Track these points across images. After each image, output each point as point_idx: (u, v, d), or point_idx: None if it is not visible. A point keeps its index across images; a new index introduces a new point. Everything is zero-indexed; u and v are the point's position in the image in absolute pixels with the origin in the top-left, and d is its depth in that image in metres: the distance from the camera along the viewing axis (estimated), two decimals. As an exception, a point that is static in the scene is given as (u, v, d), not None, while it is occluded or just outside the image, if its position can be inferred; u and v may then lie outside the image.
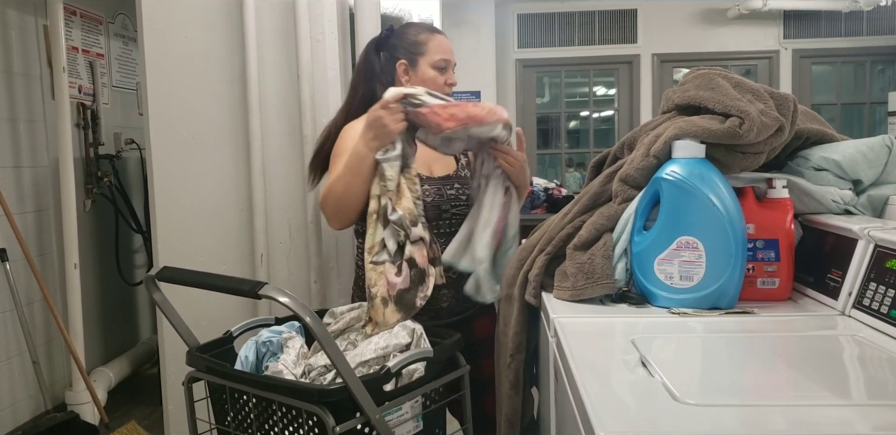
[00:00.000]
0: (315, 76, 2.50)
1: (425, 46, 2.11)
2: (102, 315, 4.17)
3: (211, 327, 1.79)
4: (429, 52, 2.11)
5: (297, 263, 2.58)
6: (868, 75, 6.48)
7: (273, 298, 1.27)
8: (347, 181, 1.89)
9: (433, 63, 2.11)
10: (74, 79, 3.91)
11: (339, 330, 1.71)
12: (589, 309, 1.64)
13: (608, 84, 7.02)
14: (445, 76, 2.13)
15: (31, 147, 3.59)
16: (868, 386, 1.16)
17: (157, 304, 1.55)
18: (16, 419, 3.45)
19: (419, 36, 2.13)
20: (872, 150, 1.83)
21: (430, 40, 2.12)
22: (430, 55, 2.11)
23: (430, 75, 2.11)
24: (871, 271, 1.44)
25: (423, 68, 2.11)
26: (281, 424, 1.42)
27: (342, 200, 1.92)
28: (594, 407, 1.02)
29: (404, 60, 2.12)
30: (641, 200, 1.71)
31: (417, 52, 2.11)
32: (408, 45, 2.12)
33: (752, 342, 1.38)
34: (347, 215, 1.98)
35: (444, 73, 2.13)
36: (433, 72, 2.11)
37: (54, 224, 3.68)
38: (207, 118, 2.56)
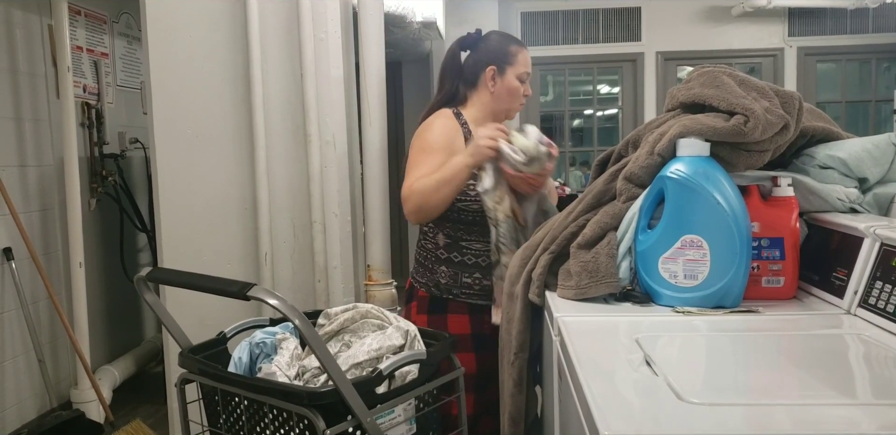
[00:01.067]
0: (318, 75, 2.50)
1: (515, 57, 2.24)
2: (107, 314, 4.18)
3: (216, 327, 1.78)
4: (517, 63, 2.24)
5: (301, 263, 2.58)
6: (873, 73, 6.46)
7: (262, 300, 1.27)
8: (438, 188, 2.03)
9: (519, 74, 2.24)
10: (79, 78, 3.91)
11: (334, 331, 1.70)
12: (593, 308, 1.64)
13: (612, 82, 7.00)
14: (524, 87, 2.26)
15: (35, 146, 3.60)
16: (874, 385, 1.15)
17: (149, 304, 1.54)
18: (21, 417, 3.46)
19: (510, 47, 2.25)
20: (878, 148, 1.82)
21: (519, 53, 2.25)
22: (517, 66, 2.24)
23: (515, 85, 2.23)
24: (877, 270, 1.44)
25: (509, 77, 2.23)
26: (272, 427, 1.42)
27: (428, 203, 2.06)
28: (598, 406, 1.01)
29: (494, 66, 2.23)
30: (646, 199, 1.71)
31: (507, 61, 2.23)
32: (500, 53, 2.24)
33: (757, 341, 1.38)
34: (428, 215, 2.12)
35: (524, 84, 2.25)
36: (517, 82, 2.23)
37: (59, 223, 3.68)
38: (211, 117, 2.56)
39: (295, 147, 2.55)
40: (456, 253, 2.21)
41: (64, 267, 3.69)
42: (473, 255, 2.20)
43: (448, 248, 2.22)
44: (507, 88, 2.23)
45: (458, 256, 2.21)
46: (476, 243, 2.19)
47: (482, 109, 2.26)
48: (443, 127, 2.17)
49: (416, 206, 2.07)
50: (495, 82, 2.23)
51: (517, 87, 2.24)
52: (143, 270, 1.50)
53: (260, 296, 1.27)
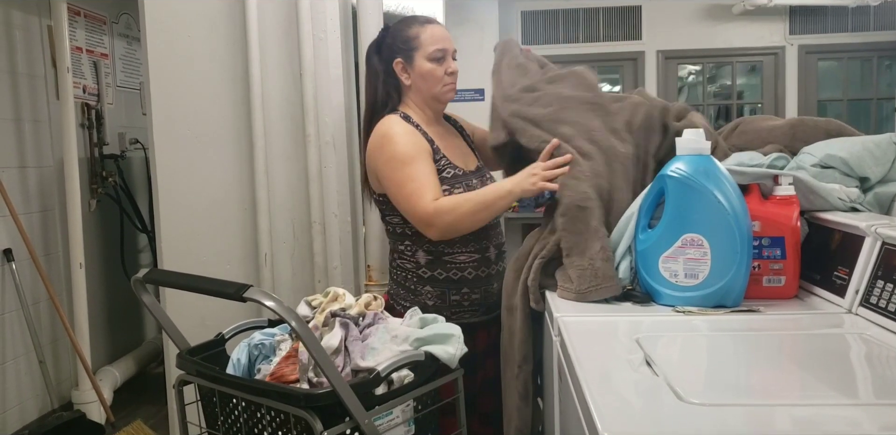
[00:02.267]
0: (318, 75, 2.50)
1: (417, 40, 2.04)
2: (108, 314, 4.17)
3: (216, 328, 1.78)
4: (422, 45, 2.04)
5: (300, 263, 2.58)
6: (875, 71, 6.45)
7: (258, 301, 1.26)
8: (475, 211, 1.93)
9: (428, 55, 2.04)
10: (78, 79, 3.91)
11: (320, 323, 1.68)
12: (593, 308, 1.64)
13: (613, 81, 7.00)
14: (445, 66, 2.06)
15: (35, 147, 3.59)
16: (875, 385, 1.15)
17: (147, 306, 1.54)
18: (23, 418, 3.46)
19: (410, 30, 2.06)
20: (879, 148, 1.81)
21: (421, 33, 2.05)
22: (424, 48, 2.04)
23: (427, 68, 2.04)
24: (879, 269, 1.43)
25: (419, 63, 2.05)
26: (270, 429, 1.41)
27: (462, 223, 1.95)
28: (598, 407, 1.01)
29: (400, 59, 2.07)
30: (646, 198, 1.70)
31: (411, 47, 2.05)
32: (401, 42, 2.06)
33: (758, 341, 1.38)
34: (457, 235, 2.00)
35: (443, 62, 2.05)
36: (430, 64, 2.04)
37: (59, 224, 3.68)
38: (210, 117, 2.55)
39: (294, 147, 2.54)
40: (440, 269, 2.06)
41: (64, 268, 3.68)
42: (458, 268, 2.06)
43: (430, 265, 2.07)
44: (420, 75, 2.05)
45: (442, 273, 2.06)
46: (460, 255, 2.06)
47: (417, 106, 2.11)
48: (404, 137, 2.00)
49: (447, 226, 1.94)
50: (408, 74, 2.07)
51: (430, 69, 2.04)
52: (140, 272, 1.49)
53: (256, 297, 1.26)
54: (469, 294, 2.08)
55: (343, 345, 1.54)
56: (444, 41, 2.06)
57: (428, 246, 2.05)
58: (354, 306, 1.64)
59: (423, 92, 2.08)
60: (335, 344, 1.52)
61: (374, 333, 1.58)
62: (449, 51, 2.06)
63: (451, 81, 2.08)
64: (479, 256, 2.08)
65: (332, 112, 2.50)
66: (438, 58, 2.04)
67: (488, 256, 2.10)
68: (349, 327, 1.57)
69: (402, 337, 1.56)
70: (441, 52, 2.04)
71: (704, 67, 6.68)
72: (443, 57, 2.05)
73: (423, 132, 2.05)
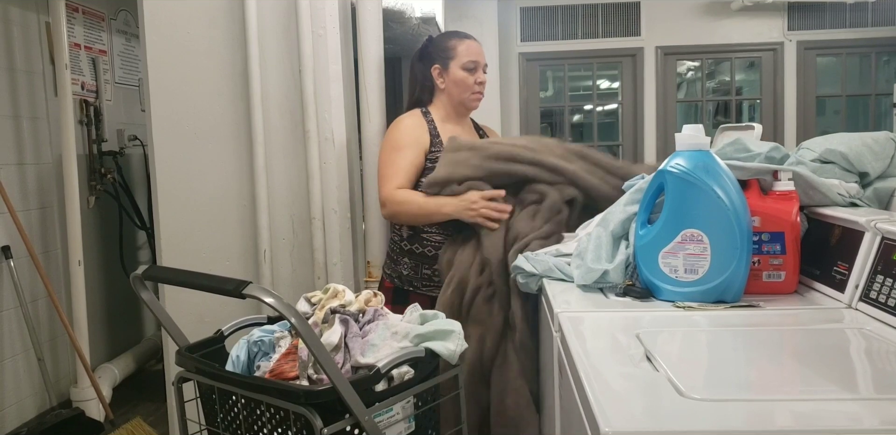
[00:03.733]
0: (317, 71, 2.49)
1: (455, 51, 2.37)
2: (107, 312, 4.17)
3: (215, 324, 1.77)
4: (458, 55, 2.37)
5: (300, 259, 2.57)
6: (873, 67, 6.44)
7: (257, 298, 1.26)
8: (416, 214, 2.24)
9: (462, 65, 2.36)
10: (77, 75, 3.90)
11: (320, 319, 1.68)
12: (593, 303, 1.64)
13: (612, 77, 6.99)
14: (475, 76, 2.37)
15: (34, 144, 3.59)
16: (875, 380, 1.15)
17: (146, 303, 1.53)
18: (21, 416, 3.45)
19: (450, 42, 2.39)
20: (878, 143, 1.82)
21: (459, 45, 2.38)
22: (459, 58, 2.36)
23: (461, 76, 2.36)
24: (878, 264, 1.43)
25: (453, 70, 2.37)
26: (270, 425, 1.41)
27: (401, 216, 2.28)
28: (599, 402, 1.01)
29: (438, 65, 2.40)
30: (646, 194, 1.70)
31: (448, 56, 2.37)
32: (440, 51, 2.39)
33: (758, 336, 1.37)
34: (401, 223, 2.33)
35: (474, 73, 2.37)
36: (463, 73, 2.36)
37: (58, 221, 3.68)
38: (209, 114, 2.55)
39: (294, 144, 2.54)
40: (417, 244, 2.32)
41: (63, 265, 3.68)
42: (433, 246, 2.30)
43: (410, 239, 2.33)
44: (453, 81, 2.37)
45: (419, 248, 2.31)
46: (436, 235, 2.30)
47: (443, 106, 2.42)
48: (409, 125, 2.34)
49: (392, 214, 2.28)
50: (444, 79, 2.39)
51: (463, 77, 2.36)
52: (139, 269, 1.48)
53: (255, 294, 1.26)
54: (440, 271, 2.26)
55: (343, 341, 1.54)
56: (477, 55, 2.39)
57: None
58: (354, 303, 1.64)
59: (454, 96, 2.40)
60: (335, 341, 1.51)
61: (374, 330, 1.57)
62: (480, 64, 2.40)
63: (479, 90, 2.41)
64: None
65: (331, 108, 2.50)
66: (471, 69, 2.37)
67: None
68: (349, 324, 1.56)
69: (402, 333, 1.56)
70: (474, 63, 2.38)
71: (703, 63, 6.68)
72: (475, 68, 2.38)
73: (434, 128, 2.36)
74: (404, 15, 3.10)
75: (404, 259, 2.35)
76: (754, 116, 6.72)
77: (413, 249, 2.33)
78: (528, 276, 1.95)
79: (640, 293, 1.65)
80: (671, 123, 6.49)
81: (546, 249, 2.06)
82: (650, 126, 6.53)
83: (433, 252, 2.30)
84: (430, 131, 2.35)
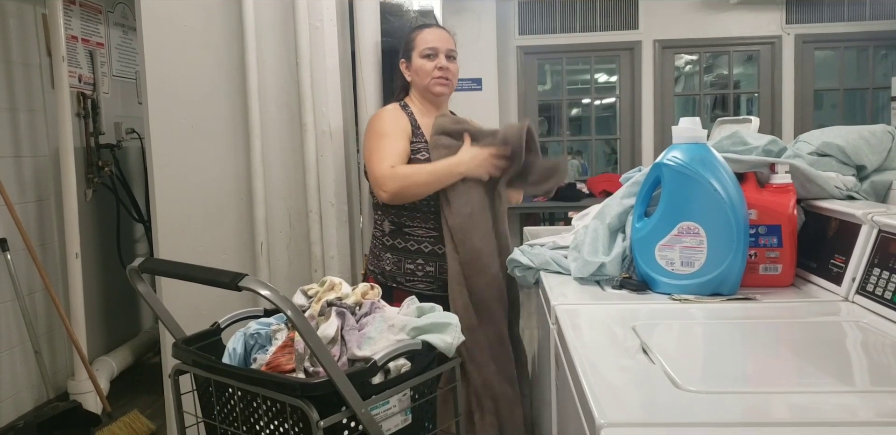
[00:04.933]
0: (314, 64, 2.49)
1: (414, 42, 2.37)
2: (104, 305, 4.17)
3: (212, 317, 1.77)
4: (417, 45, 2.36)
5: (297, 252, 2.57)
6: (871, 60, 6.43)
7: (253, 290, 1.25)
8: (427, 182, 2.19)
9: (421, 53, 2.34)
10: (74, 68, 3.89)
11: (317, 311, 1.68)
12: (590, 296, 1.64)
13: (610, 71, 6.98)
14: (434, 62, 2.33)
15: (31, 137, 3.58)
16: (872, 372, 1.15)
17: (142, 295, 1.53)
18: (18, 409, 3.46)
19: (411, 34, 2.40)
20: (875, 136, 1.82)
21: (418, 35, 2.37)
22: (418, 48, 2.35)
23: (419, 64, 2.34)
24: (875, 257, 1.44)
25: (415, 60, 2.36)
26: (266, 418, 1.40)
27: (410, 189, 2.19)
28: (595, 395, 1.01)
29: (403, 59, 2.40)
30: (643, 186, 1.70)
31: (410, 48, 2.37)
32: (405, 44, 2.40)
33: (755, 329, 1.38)
34: (405, 200, 2.24)
35: (433, 59, 2.34)
36: (421, 60, 2.34)
37: (55, 214, 3.67)
38: (207, 107, 2.54)
39: (291, 137, 2.54)
40: (399, 239, 2.30)
41: (60, 258, 3.68)
42: (416, 241, 2.29)
43: (392, 234, 2.32)
44: (415, 71, 2.37)
45: (401, 243, 2.31)
46: (419, 229, 2.29)
47: (418, 99, 2.40)
48: (390, 115, 2.33)
49: (400, 188, 2.17)
50: (409, 71, 2.39)
51: (421, 64, 2.34)
52: (135, 261, 1.48)
53: (251, 286, 1.25)
54: (423, 266, 2.29)
55: (339, 334, 1.53)
56: (435, 41, 2.35)
57: (393, 217, 2.31)
58: (351, 296, 1.63)
59: (418, 85, 2.37)
60: (331, 333, 1.51)
61: (371, 323, 1.57)
62: (440, 49, 2.35)
63: (440, 75, 2.34)
64: (436, 233, 2.28)
65: (328, 101, 2.49)
66: (428, 54, 2.34)
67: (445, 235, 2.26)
68: (345, 317, 1.56)
69: (399, 326, 1.56)
70: (431, 50, 2.34)
71: (701, 57, 6.67)
72: (433, 54, 2.34)
73: (414, 120, 2.33)
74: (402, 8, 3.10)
75: (387, 255, 2.32)
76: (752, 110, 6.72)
77: (395, 245, 2.31)
78: (525, 269, 1.95)
79: (636, 286, 1.65)
80: (669, 117, 6.49)
81: (542, 239, 2.07)
82: (648, 120, 6.52)
83: (416, 246, 2.29)
84: (410, 122, 2.32)
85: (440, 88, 2.35)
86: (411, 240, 2.29)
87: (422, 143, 2.29)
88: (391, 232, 2.31)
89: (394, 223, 2.31)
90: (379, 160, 2.21)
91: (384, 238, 2.34)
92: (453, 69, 2.37)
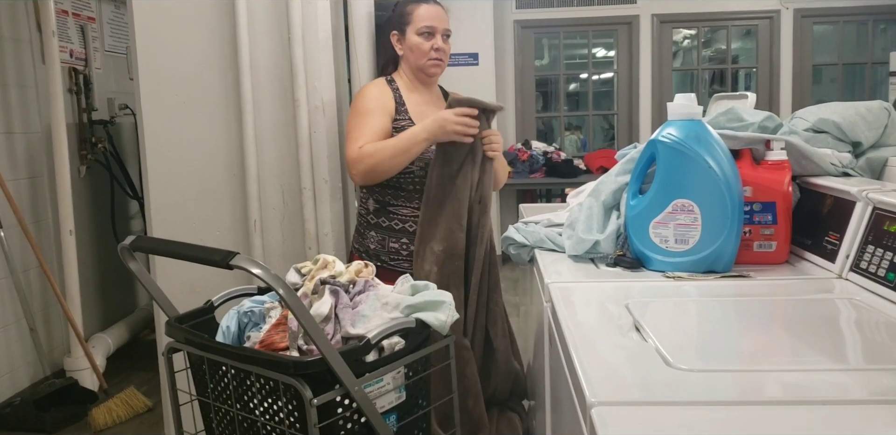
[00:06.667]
0: (306, 39, 2.46)
1: (411, 16, 2.30)
2: (100, 281, 4.17)
3: (206, 295, 1.76)
4: (414, 21, 2.29)
5: (291, 230, 2.56)
6: (870, 35, 6.39)
7: (245, 269, 1.25)
8: (393, 155, 2.14)
9: (417, 30, 2.29)
10: (65, 43, 3.85)
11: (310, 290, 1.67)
12: (583, 274, 1.64)
13: (607, 45, 6.94)
14: (431, 42, 2.29)
15: (22, 113, 3.55)
16: (865, 350, 1.15)
17: (134, 273, 1.52)
18: (14, 385, 3.46)
19: (407, 7, 2.32)
20: (871, 113, 1.81)
21: (415, 10, 2.30)
22: (414, 24, 2.29)
23: (416, 42, 2.29)
24: (870, 234, 1.43)
25: (409, 36, 2.30)
26: (260, 396, 1.41)
27: (379, 167, 2.16)
28: (587, 373, 1.01)
29: (396, 31, 2.34)
30: (637, 164, 1.69)
31: (405, 21, 2.31)
32: (399, 16, 2.33)
33: (748, 306, 1.37)
34: (376, 179, 2.22)
35: (430, 38, 2.29)
36: (418, 38, 2.29)
37: (49, 191, 3.65)
38: (198, 82, 2.52)
39: (283, 112, 2.51)
40: (384, 218, 2.30)
41: (54, 235, 3.66)
42: (400, 220, 2.28)
43: (377, 213, 2.31)
44: (409, 47, 2.31)
45: (385, 221, 2.30)
46: (403, 208, 2.28)
47: (406, 74, 2.36)
48: (373, 92, 2.29)
49: (367, 168, 2.17)
50: (402, 45, 2.33)
51: (418, 42, 2.29)
52: (126, 239, 1.47)
53: (243, 265, 1.25)
54: (408, 245, 2.27)
55: (333, 312, 1.53)
56: (433, 20, 2.30)
57: (377, 196, 2.31)
58: (345, 274, 1.63)
59: (411, 63, 2.33)
60: (325, 311, 1.51)
61: (365, 301, 1.57)
62: (437, 29, 2.30)
63: (436, 57, 2.31)
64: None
65: (321, 77, 2.47)
66: (426, 33, 2.29)
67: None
68: (339, 295, 1.56)
69: (393, 304, 1.56)
70: (429, 28, 2.29)
71: (699, 32, 6.62)
72: (430, 33, 2.29)
73: (399, 96, 2.31)
74: (396, -18, 3.06)
75: (371, 233, 2.32)
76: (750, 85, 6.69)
77: (380, 223, 2.30)
78: (520, 247, 1.94)
79: (630, 263, 1.65)
80: (667, 92, 6.46)
81: (537, 217, 2.06)
82: (645, 95, 6.49)
83: (400, 225, 2.28)
84: (395, 99, 2.30)
85: (435, 69, 2.34)
86: (395, 219, 2.29)
87: (405, 120, 2.27)
88: (375, 210, 2.31)
89: (378, 201, 2.31)
90: (353, 141, 2.21)
91: (368, 216, 2.33)
92: (447, 50, 2.35)
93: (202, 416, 1.59)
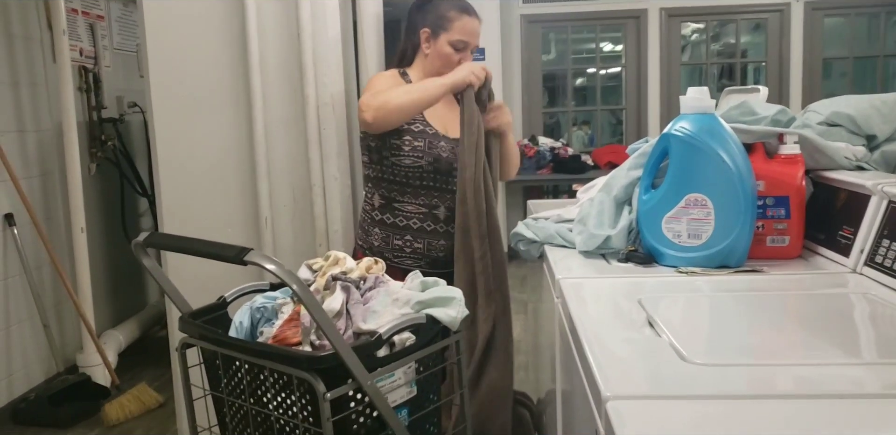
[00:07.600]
0: (316, 35, 2.45)
1: (451, 23, 2.22)
2: (111, 278, 4.19)
3: (218, 291, 1.77)
4: (452, 29, 2.22)
5: (301, 227, 2.56)
6: (882, 27, 6.35)
7: (259, 265, 1.25)
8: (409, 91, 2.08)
9: (452, 41, 2.21)
10: (75, 41, 3.86)
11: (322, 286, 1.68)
12: (595, 269, 1.63)
13: (615, 40, 6.92)
14: (461, 56, 2.24)
15: (33, 111, 3.57)
16: (879, 344, 1.14)
17: (148, 269, 1.53)
18: (29, 381, 3.49)
19: (449, 12, 2.23)
20: (886, 105, 1.79)
21: (457, 19, 2.22)
22: (451, 33, 2.21)
23: (446, 52, 2.22)
24: (885, 228, 1.42)
25: (441, 43, 2.23)
26: (273, 390, 1.41)
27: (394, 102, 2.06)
28: (601, 368, 1.01)
29: (428, 29, 2.25)
30: (649, 158, 1.69)
31: (441, 26, 2.22)
32: (436, 16, 2.24)
33: (761, 301, 1.37)
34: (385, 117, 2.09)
35: (461, 53, 2.23)
36: (449, 49, 2.22)
37: (60, 188, 3.67)
38: (208, 80, 2.52)
39: (293, 109, 2.51)
40: (388, 214, 2.26)
41: (66, 232, 3.68)
42: (405, 216, 2.25)
43: (382, 209, 2.28)
44: (437, 53, 2.24)
45: (390, 218, 2.26)
46: (409, 205, 2.24)
47: (421, 70, 2.30)
48: (388, 79, 2.25)
49: (382, 114, 2.07)
50: (429, 45, 2.26)
51: (448, 53, 2.23)
52: (140, 235, 1.48)
53: (257, 260, 1.25)
54: (412, 242, 2.25)
55: (344, 308, 1.53)
56: (471, 36, 2.25)
57: (383, 191, 2.26)
58: (355, 270, 1.63)
59: (433, 67, 2.26)
60: (337, 307, 1.51)
61: (376, 297, 1.57)
62: (471, 45, 2.26)
63: None
64: (426, 210, 2.24)
65: (330, 73, 2.47)
66: (459, 48, 2.23)
67: (436, 213, 2.25)
68: (350, 291, 1.56)
69: (404, 300, 1.56)
70: (464, 43, 2.23)
71: (708, 25, 6.59)
72: (463, 48, 2.24)
73: None
74: (404, -23, 3.06)
75: (375, 229, 2.28)
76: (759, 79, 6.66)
77: (384, 219, 2.26)
78: (530, 243, 1.94)
79: (642, 259, 1.64)
80: (675, 87, 6.43)
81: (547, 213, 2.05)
82: (654, 89, 6.47)
83: (405, 222, 2.25)
84: None
85: None
86: (400, 215, 2.25)
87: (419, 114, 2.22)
88: (381, 206, 2.28)
89: (384, 197, 2.26)
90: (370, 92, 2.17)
91: (373, 212, 2.30)
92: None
93: (216, 411, 1.60)
